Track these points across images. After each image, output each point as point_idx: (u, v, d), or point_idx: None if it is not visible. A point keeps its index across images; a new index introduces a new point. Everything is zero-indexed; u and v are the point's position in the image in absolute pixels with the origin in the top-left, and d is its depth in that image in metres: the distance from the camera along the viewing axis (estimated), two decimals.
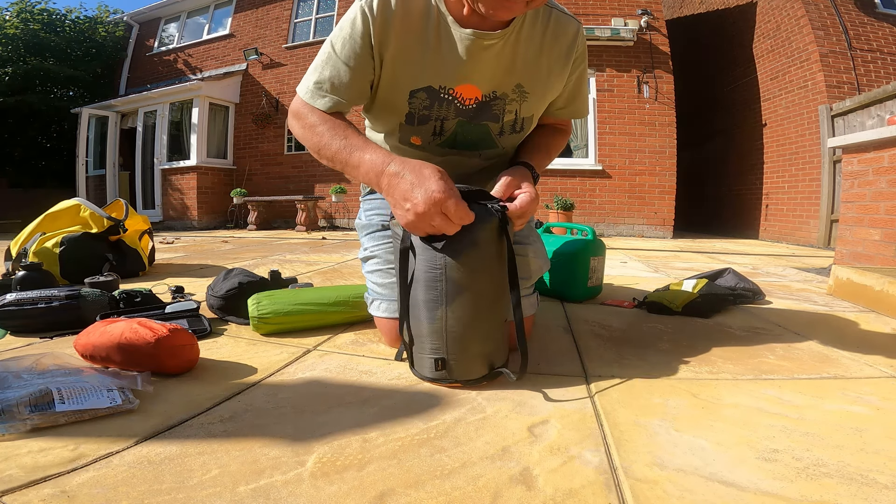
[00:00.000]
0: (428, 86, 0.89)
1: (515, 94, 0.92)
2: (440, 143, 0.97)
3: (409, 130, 0.95)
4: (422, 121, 0.93)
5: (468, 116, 0.93)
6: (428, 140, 0.96)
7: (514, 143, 1.00)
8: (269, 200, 6.57)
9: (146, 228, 2.31)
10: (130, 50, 9.07)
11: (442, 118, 0.93)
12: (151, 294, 1.39)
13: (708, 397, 0.79)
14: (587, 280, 1.54)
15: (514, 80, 0.90)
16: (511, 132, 0.96)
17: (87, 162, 7.85)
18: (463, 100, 0.91)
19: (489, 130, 0.95)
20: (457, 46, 0.85)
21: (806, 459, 0.59)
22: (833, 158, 4.75)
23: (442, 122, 0.93)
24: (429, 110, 0.91)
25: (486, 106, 0.92)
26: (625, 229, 5.91)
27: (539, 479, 0.55)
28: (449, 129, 0.94)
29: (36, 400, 0.65)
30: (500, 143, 0.97)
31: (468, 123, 0.94)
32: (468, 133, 0.95)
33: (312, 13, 7.39)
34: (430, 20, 0.85)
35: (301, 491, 0.52)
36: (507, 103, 0.92)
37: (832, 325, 1.31)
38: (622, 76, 5.91)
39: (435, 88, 0.89)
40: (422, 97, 0.90)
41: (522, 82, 0.91)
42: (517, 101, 0.92)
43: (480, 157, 0.99)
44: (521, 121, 0.95)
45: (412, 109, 0.91)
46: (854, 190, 2.22)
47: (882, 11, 5.19)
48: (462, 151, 0.98)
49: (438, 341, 0.80)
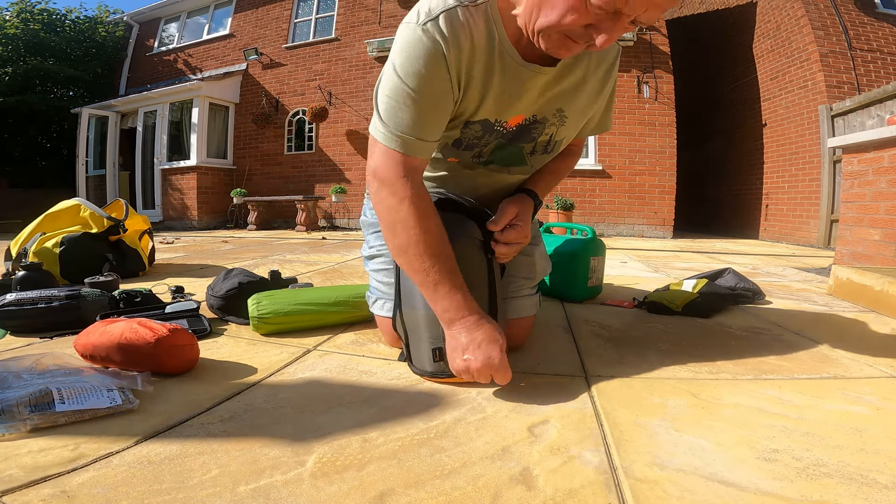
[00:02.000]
0: (485, 119, 0.85)
1: (556, 119, 0.90)
2: (478, 163, 0.96)
3: (451, 151, 0.93)
4: (468, 147, 0.91)
5: (507, 139, 0.91)
6: (467, 162, 0.96)
7: (541, 162, 0.99)
8: (269, 200, 6.57)
9: (146, 228, 2.31)
10: (130, 50, 9.07)
11: (485, 144, 0.91)
12: (151, 294, 1.39)
13: (708, 397, 0.79)
14: (587, 280, 1.54)
15: (556, 105, 0.88)
16: (542, 152, 0.96)
17: (87, 162, 7.85)
18: (509, 128, 0.89)
19: (522, 150, 0.94)
20: (517, 80, 0.81)
21: (806, 459, 0.59)
22: (833, 158, 4.75)
23: (483, 148, 0.92)
24: (479, 140, 0.89)
25: (525, 129, 0.90)
26: (625, 229, 5.91)
27: (539, 479, 0.55)
28: (487, 153, 0.93)
29: (36, 400, 0.65)
30: (530, 161, 0.97)
31: (505, 146, 0.93)
32: (503, 154, 0.94)
33: (312, 13, 7.39)
34: (494, 46, 0.78)
35: (301, 491, 0.52)
36: (547, 126, 0.91)
37: (832, 325, 1.31)
38: (622, 76, 5.90)
39: (490, 122, 0.86)
40: (475, 128, 0.87)
41: (563, 107, 0.89)
42: (556, 125, 0.91)
43: (509, 172, 0.99)
44: (555, 143, 0.95)
45: (462, 137, 0.88)
46: (854, 190, 2.22)
47: (882, 11, 5.19)
48: (495, 168, 0.98)
49: (437, 329, 0.81)
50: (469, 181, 1.00)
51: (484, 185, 1.01)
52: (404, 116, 0.77)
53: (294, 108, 7.24)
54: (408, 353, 0.89)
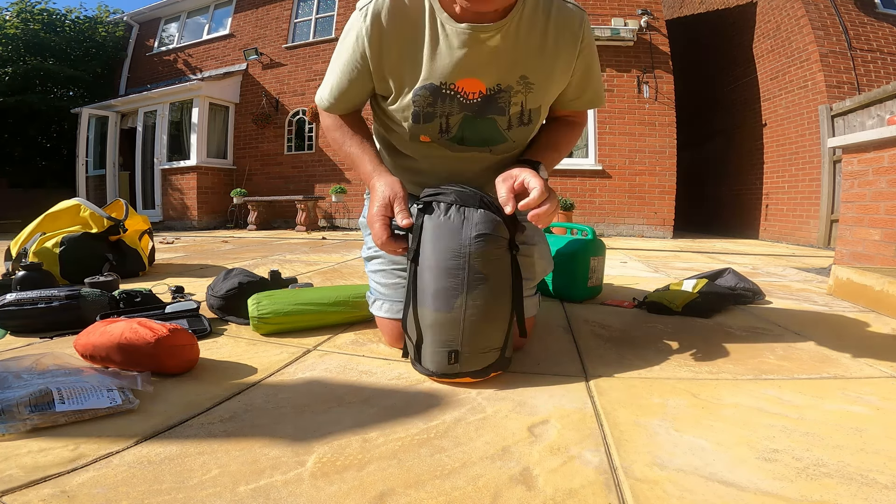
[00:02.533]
0: (429, 83, 0.90)
1: (520, 86, 0.92)
2: (449, 139, 0.97)
3: (417, 129, 0.97)
4: (427, 118, 0.94)
5: (473, 111, 0.93)
6: (436, 137, 0.97)
7: (523, 135, 0.99)
8: (269, 200, 6.57)
9: (146, 228, 2.31)
10: (130, 50, 9.06)
11: (447, 114, 0.93)
12: (151, 294, 1.39)
13: (708, 397, 0.79)
14: (587, 280, 1.54)
15: (518, 72, 0.91)
16: (519, 125, 0.96)
17: (87, 162, 7.84)
18: (466, 94, 0.92)
19: (496, 124, 0.95)
20: (453, 42, 0.87)
21: (806, 459, 0.59)
22: (833, 158, 4.75)
23: (447, 119, 0.94)
24: (433, 107, 0.93)
25: (491, 99, 0.92)
26: (625, 229, 5.91)
27: (539, 479, 0.55)
28: (455, 125, 0.95)
29: (36, 400, 0.65)
30: (510, 136, 0.97)
31: (474, 118, 0.94)
32: (475, 128, 0.95)
33: (312, 13, 7.38)
34: (425, 20, 0.88)
35: (301, 491, 0.52)
36: (513, 95, 0.92)
37: (832, 325, 1.31)
38: (622, 76, 5.90)
39: (436, 85, 0.90)
40: (424, 94, 0.91)
41: (527, 73, 0.91)
42: (522, 93, 0.93)
43: (491, 152, 0.99)
44: (528, 112, 0.95)
45: (417, 108, 0.93)
46: (854, 190, 2.22)
47: (882, 11, 5.19)
48: (472, 148, 0.98)
49: (454, 331, 0.81)
50: (456, 170, 1.01)
51: (473, 172, 1.02)
52: (332, 83, 0.98)
53: (294, 108, 7.24)
54: (416, 352, 0.87)
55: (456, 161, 1.01)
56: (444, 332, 0.82)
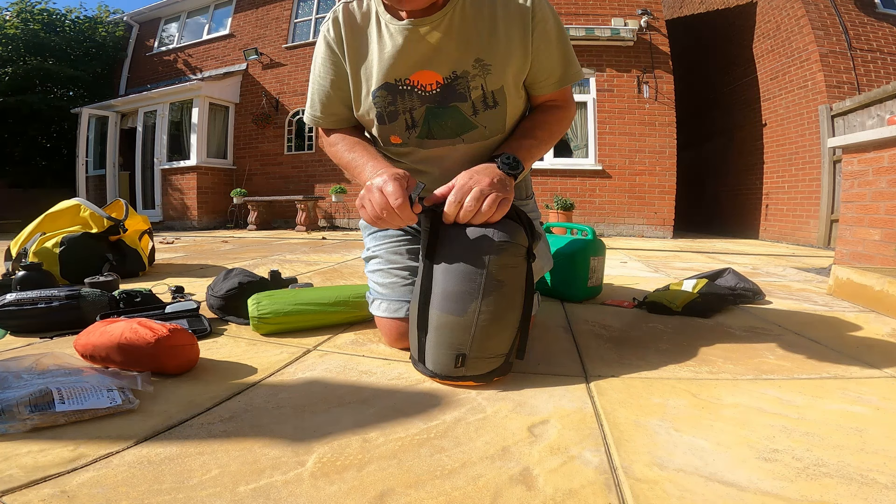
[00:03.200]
0: (384, 82, 0.94)
1: (477, 70, 0.92)
2: (418, 136, 0.98)
3: (385, 130, 0.99)
4: (391, 117, 0.97)
5: (435, 102, 0.95)
6: (405, 136, 0.98)
7: (493, 120, 0.97)
8: (269, 200, 6.57)
9: (146, 228, 2.31)
10: (130, 50, 9.06)
11: (409, 109, 0.95)
12: (151, 294, 1.39)
13: (708, 397, 0.79)
14: (587, 280, 1.54)
15: (471, 56, 0.92)
16: (485, 108, 0.95)
17: (87, 162, 7.84)
18: (423, 87, 0.94)
19: (461, 111, 0.95)
20: (397, 39, 0.92)
21: (806, 459, 0.59)
22: (833, 158, 4.75)
23: (410, 113, 0.96)
24: (393, 105, 0.95)
25: (449, 88, 0.94)
26: (625, 229, 5.91)
27: (539, 479, 0.55)
28: (420, 119, 0.96)
29: (36, 400, 0.65)
30: (478, 122, 0.96)
31: (437, 109, 0.95)
32: (440, 118, 0.96)
33: (312, 13, 7.38)
34: (371, 23, 0.95)
35: (301, 491, 0.52)
36: (471, 80, 0.93)
37: (832, 325, 1.31)
38: (622, 76, 5.90)
39: (391, 83, 0.94)
40: (382, 94, 0.95)
41: (481, 56, 0.92)
42: (480, 76, 0.93)
43: (464, 141, 0.98)
44: (491, 94, 0.94)
45: (378, 108, 0.96)
46: (854, 190, 2.22)
47: (882, 11, 5.19)
48: (443, 141, 0.98)
49: (464, 336, 0.80)
50: (435, 168, 1.01)
51: (452, 166, 0.99)
52: (312, 97, 1.04)
53: (294, 108, 7.24)
54: (419, 352, 0.86)
55: (435, 159, 1.01)
56: (454, 335, 0.81)
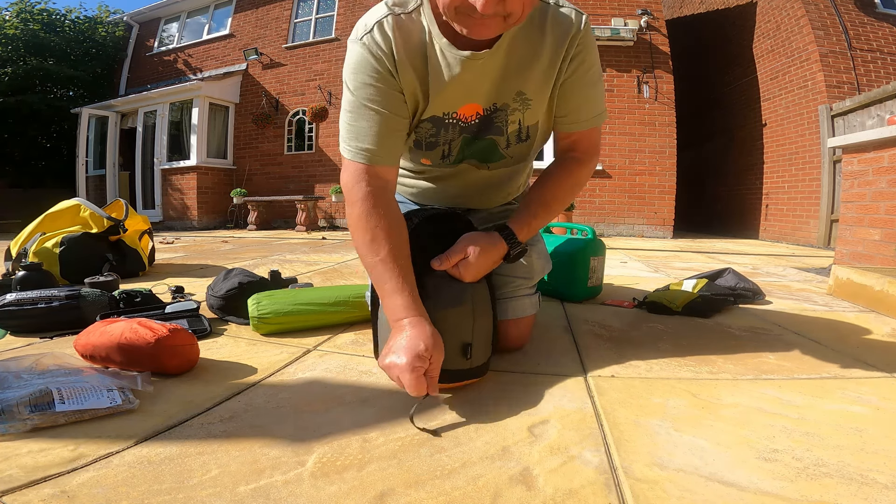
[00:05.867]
0: (433, 115, 0.87)
1: (517, 103, 0.88)
2: (450, 164, 0.97)
3: (418, 154, 0.96)
4: (430, 146, 0.93)
5: (472, 133, 0.92)
6: (437, 162, 0.97)
7: (522, 152, 0.97)
8: (269, 200, 6.57)
9: (146, 228, 2.31)
10: (130, 50, 9.06)
11: (449, 141, 0.92)
12: (151, 294, 1.39)
13: (708, 397, 0.79)
14: (587, 280, 1.54)
15: (512, 88, 0.87)
16: (517, 142, 0.95)
17: (87, 162, 7.84)
18: (465, 118, 0.89)
19: (495, 144, 0.94)
20: (455, 69, 0.82)
21: (806, 459, 0.59)
22: (833, 158, 4.75)
23: (449, 145, 0.93)
24: (435, 137, 0.91)
25: (488, 120, 0.90)
26: (625, 229, 5.91)
27: (539, 479, 0.55)
28: (455, 149, 0.94)
29: (36, 400, 0.65)
30: (508, 153, 0.97)
31: (473, 139, 0.93)
32: (474, 148, 0.94)
33: (312, 13, 7.38)
34: (426, 44, 0.82)
35: (301, 491, 0.52)
36: (510, 113, 0.89)
37: (832, 326, 1.31)
38: (622, 76, 5.90)
39: (439, 116, 0.88)
40: (427, 126, 0.89)
41: (523, 89, 0.87)
42: (520, 111, 0.89)
43: (489, 168, 0.99)
44: (526, 129, 0.93)
45: (419, 137, 0.91)
46: (854, 190, 2.22)
47: (882, 11, 5.19)
48: (470, 161, 0.98)
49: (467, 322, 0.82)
50: (452, 186, 1.01)
51: (469, 187, 1.01)
52: (362, 125, 0.81)
53: (294, 108, 7.24)
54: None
55: (453, 175, 1.01)
56: (458, 325, 0.80)
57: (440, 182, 1.04)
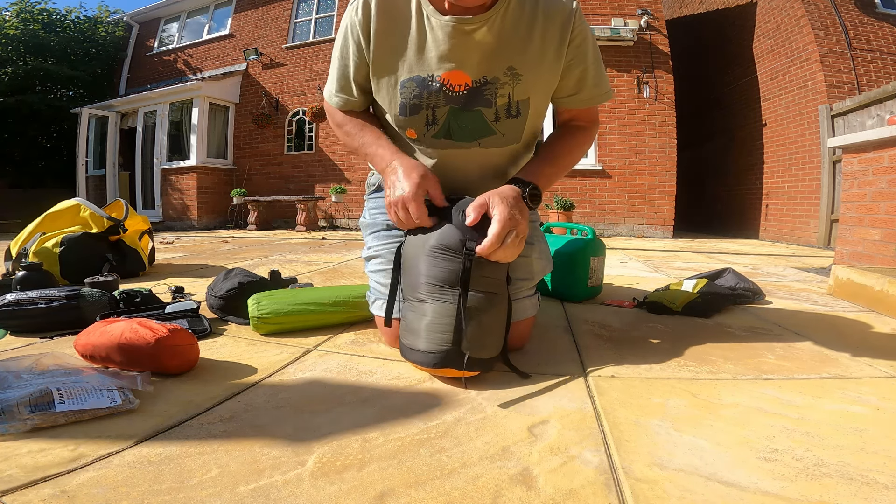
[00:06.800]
0: (416, 75, 0.93)
1: (507, 77, 0.92)
2: (435, 135, 0.97)
3: (403, 122, 0.98)
4: (413, 110, 0.95)
5: (460, 103, 0.94)
6: (422, 132, 0.97)
7: (513, 129, 0.97)
8: (269, 200, 6.57)
9: (146, 228, 2.31)
10: (130, 50, 9.06)
11: (433, 106, 0.94)
12: (151, 294, 1.39)
13: (708, 397, 0.79)
14: (587, 280, 1.54)
15: (504, 63, 0.91)
16: (507, 117, 0.95)
17: (87, 162, 7.84)
18: (452, 86, 0.92)
19: (483, 116, 0.95)
20: (438, 34, 0.89)
21: (806, 459, 0.59)
22: (833, 158, 4.75)
23: (433, 111, 0.95)
24: (419, 98, 0.94)
25: (477, 91, 0.93)
26: (625, 229, 5.91)
27: (539, 479, 0.55)
28: (441, 118, 0.95)
29: (36, 400, 0.65)
30: (498, 128, 0.96)
31: (461, 111, 0.94)
32: (462, 121, 0.95)
33: (312, 13, 7.38)
34: (412, 13, 0.91)
35: (301, 491, 0.52)
36: (499, 87, 0.93)
37: (832, 325, 1.31)
38: (622, 76, 5.90)
39: (423, 77, 0.93)
40: (411, 86, 0.94)
41: (514, 64, 0.91)
42: (510, 85, 0.93)
43: (479, 145, 0.98)
44: (517, 104, 0.94)
45: (403, 99, 0.95)
46: (854, 190, 2.22)
47: (882, 11, 5.19)
48: (459, 144, 0.97)
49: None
50: (449, 170, 1.00)
51: (463, 170, 1.01)
52: (332, 74, 1.01)
53: (294, 108, 7.24)
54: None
55: (446, 158, 1.00)
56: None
57: (436, 168, 1.02)
